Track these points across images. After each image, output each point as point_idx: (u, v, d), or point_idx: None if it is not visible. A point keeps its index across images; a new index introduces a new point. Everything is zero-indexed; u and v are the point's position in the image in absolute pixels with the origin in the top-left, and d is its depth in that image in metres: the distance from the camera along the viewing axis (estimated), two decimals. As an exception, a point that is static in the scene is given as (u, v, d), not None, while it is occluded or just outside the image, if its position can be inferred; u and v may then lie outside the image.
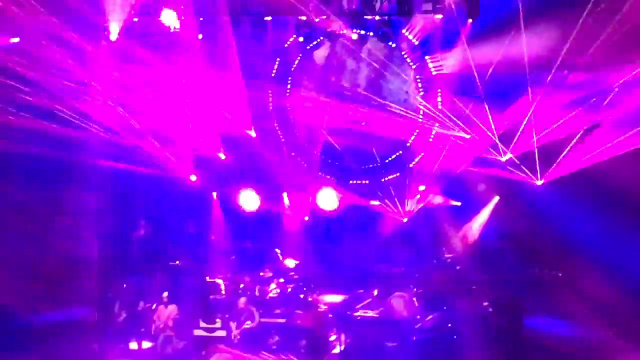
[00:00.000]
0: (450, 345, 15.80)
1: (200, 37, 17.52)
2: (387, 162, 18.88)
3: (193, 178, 18.19)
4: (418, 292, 17.41)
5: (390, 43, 17.86)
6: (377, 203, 18.88)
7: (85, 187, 16.62)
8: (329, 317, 17.10)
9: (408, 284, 17.60)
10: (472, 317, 16.21)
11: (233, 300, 17.55)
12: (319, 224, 19.04)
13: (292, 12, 17.09)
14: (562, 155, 16.10)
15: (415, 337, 16.10)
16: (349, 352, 16.27)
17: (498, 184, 17.80)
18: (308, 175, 18.91)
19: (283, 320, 17.15)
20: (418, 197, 18.47)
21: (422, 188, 18.41)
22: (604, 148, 15.36)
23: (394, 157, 18.79)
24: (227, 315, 17.23)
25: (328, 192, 18.82)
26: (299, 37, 18.20)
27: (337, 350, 16.38)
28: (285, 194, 19.37)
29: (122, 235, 18.53)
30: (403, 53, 18.05)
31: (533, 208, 16.73)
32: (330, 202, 18.85)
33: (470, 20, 16.36)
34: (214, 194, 19.55)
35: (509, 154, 16.63)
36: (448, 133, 17.36)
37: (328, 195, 18.82)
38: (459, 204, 18.58)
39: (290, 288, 18.10)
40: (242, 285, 18.30)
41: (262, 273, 18.66)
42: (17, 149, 14.85)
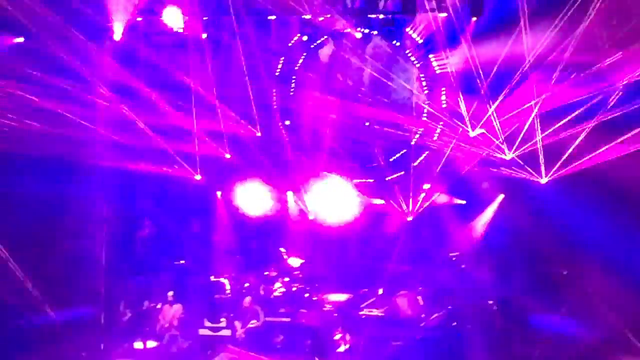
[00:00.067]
0: (455, 344, 15.80)
1: (204, 36, 17.51)
2: (391, 161, 18.87)
3: (198, 177, 18.19)
4: (423, 291, 17.42)
5: (394, 42, 17.83)
6: (381, 202, 18.89)
7: (90, 186, 16.67)
8: (334, 316, 17.14)
9: (413, 283, 17.61)
10: (477, 315, 16.22)
11: (238, 300, 17.61)
12: (324, 223, 19.03)
13: (295, 11, 17.07)
14: (566, 154, 16.05)
15: (420, 336, 16.11)
16: (354, 351, 16.28)
17: (502, 183, 17.78)
18: (312, 175, 18.91)
19: (288, 320, 17.20)
20: (423, 196, 18.47)
21: (426, 187, 18.40)
22: (609, 146, 15.31)
23: (399, 156, 18.78)
24: (232, 315, 17.26)
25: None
26: (303, 36, 18.21)
27: (342, 349, 16.37)
28: (290, 193, 19.37)
29: (127, 235, 18.58)
30: (407, 52, 18.03)
31: (537, 206, 16.70)
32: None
33: (474, 19, 16.30)
34: (219, 194, 19.58)
35: (514, 153, 16.59)
36: (452, 132, 17.34)
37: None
38: (464, 203, 18.57)
39: (295, 287, 18.14)
40: (246, 285, 18.36)
41: (266, 272, 18.72)
42: (21, 149, 14.88)
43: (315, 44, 18.34)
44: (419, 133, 18.29)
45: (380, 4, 17.12)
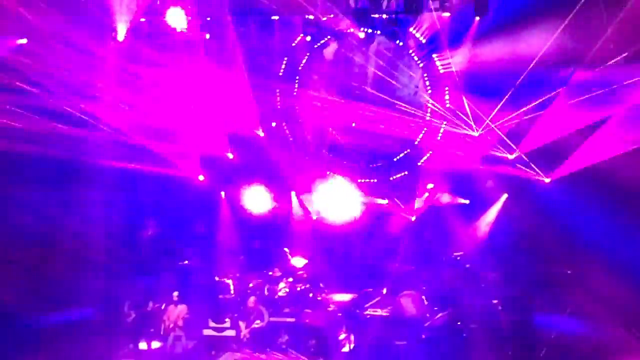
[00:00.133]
0: (460, 344, 15.78)
1: (208, 37, 17.53)
2: (395, 160, 18.86)
3: (201, 178, 18.19)
4: (427, 290, 17.40)
5: (398, 41, 17.82)
6: (385, 202, 18.89)
7: (94, 187, 16.68)
8: (338, 316, 17.12)
9: (417, 283, 17.60)
10: (481, 315, 16.19)
11: (242, 300, 17.57)
12: (328, 223, 19.03)
13: (299, 11, 17.08)
14: (570, 153, 16.06)
15: (425, 335, 16.07)
16: (358, 351, 16.27)
17: (506, 182, 17.79)
18: (316, 175, 18.91)
19: (292, 320, 17.16)
20: (426, 195, 18.47)
21: (430, 186, 18.41)
22: (613, 145, 15.30)
23: (402, 155, 18.77)
24: (236, 315, 17.24)
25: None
26: (306, 36, 18.19)
27: (346, 349, 16.37)
28: (294, 193, 19.38)
29: (130, 235, 18.58)
30: (411, 51, 18.02)
31: (541, 205, 16.72)
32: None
33: (478, 18, 16.30)
34: (222, 194, 19.59)
35: (517, 152, 16.59)
36: (456, 131, 17.33)
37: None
38: (468, 202, 18.57)
39: (299, 287, 18.10)
40: (251, 285, 18.33)
41: (271, 272, 18.69)
42: (25, 149, 14.91)
43: (319, 44, 18.33)
44: (423, 133, 18.29)
45: (384, 4, 17.10)
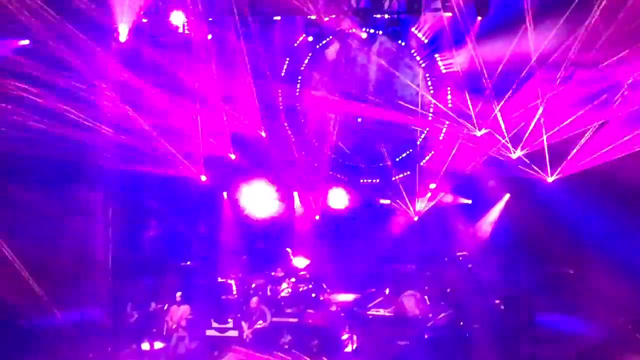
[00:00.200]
0: (462, 343, 15.79)
1: (210, 37, 17.52)
2: (397, 160, 18.87)
3: (203, 178, 18.19)
4: (429, 290, 17.41)
5: (400, 41, 17.86)
6: (387, 202, 18.89)
7: (96, 188, 16.69)
8: (341, 316, 17.14)
9: (419, 283, 17.60)
10: (484, 314, 16.20)
11: (245, 300, 17.58)
12: (330, 223, 19.04)
13: (301, 11, 17.06)
14: (572, 153, 16.05)
15: (427, 335, 16.09)
16: (361, 351, 16.28)
17: (509, 182, 17.80)
18: (318, 175, 18.91)
19: (295, 320, 17.16)
20: (429, 195, 18.47)
21: (432, 186, 18.40)
22: (615, 145, 15.30)
23: (404, 155, 18.80)
24: (239, 315, 17.24)
25: (338, 191, 18.86)
26: (308, 36, 18.23)
27: (349, 349, 16.39)
28: (296, 194, 19.38)
29: (133, 236, 18.58)
30: (412, 51, 18.06)
31: (544, 205, 16.71)
32: (341, 201, 18.88)
33: (480, 18, 16.31)
34: (225, 194, 19.59)
35: (520, 152, 16.58)
36: (458, 131, 17.33)
37: (339, 195, 18.86)
38: (470, 202, 18.57)
39: (302, 287, 18.12)
40: (253, 285, 18.35)
41: (273, 273, 18.69)
42: (27, 151, 14.89)
43: (321, 44, 18.37)
44: (425, 133, 18.30)
45: (386, 4, 17.12)
